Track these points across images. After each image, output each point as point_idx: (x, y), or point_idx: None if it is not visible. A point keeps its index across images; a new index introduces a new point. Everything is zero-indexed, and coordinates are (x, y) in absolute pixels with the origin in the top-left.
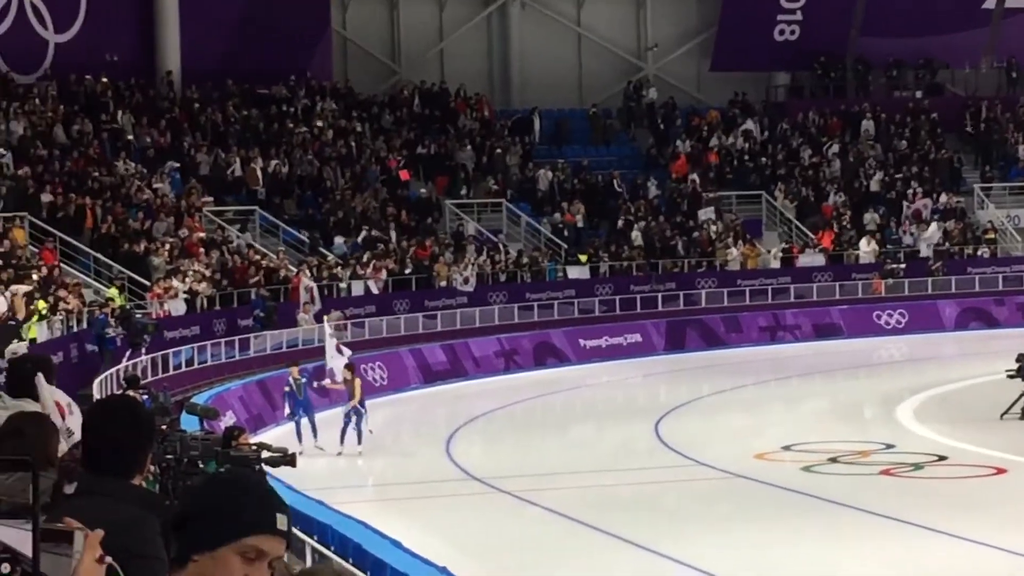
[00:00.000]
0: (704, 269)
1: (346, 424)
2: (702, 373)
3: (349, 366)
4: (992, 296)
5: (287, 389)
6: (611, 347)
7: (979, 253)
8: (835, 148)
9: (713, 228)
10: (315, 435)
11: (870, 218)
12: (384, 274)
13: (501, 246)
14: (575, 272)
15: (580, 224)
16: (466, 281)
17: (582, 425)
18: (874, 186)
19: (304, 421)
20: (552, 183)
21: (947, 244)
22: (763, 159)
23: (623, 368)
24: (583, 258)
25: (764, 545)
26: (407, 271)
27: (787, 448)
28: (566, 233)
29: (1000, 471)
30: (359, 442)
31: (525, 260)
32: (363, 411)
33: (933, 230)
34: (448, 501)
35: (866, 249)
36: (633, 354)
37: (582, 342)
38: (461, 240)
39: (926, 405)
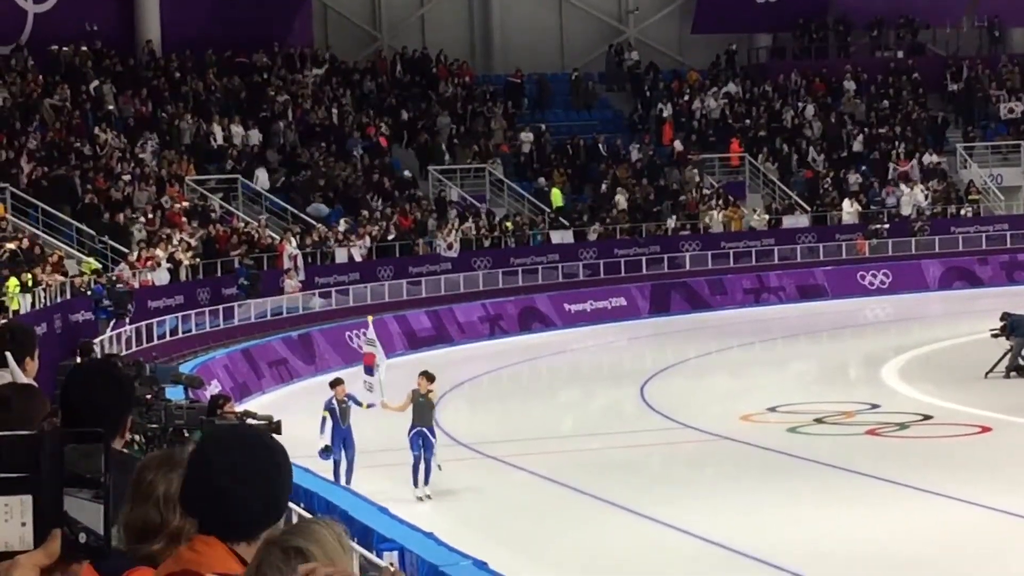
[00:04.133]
0: (688, 232)
1: (417, 458)
2: (687, 336)
3: (427, 374)
4: (975, 256)
5: (325, 414)
6: (596, 311)
7: (962, 213)
8: (817, 109)
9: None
10: (350, 477)
11: (853, 179)
12: (368, 240)
13: (484, 212)
14: (559, 236)
15: (566, 190)
16: (450, 247)
17: (568, 389)
18: (856, 146)
19: (343, 461)
20: (534, 148)
21: (931, 204)
22: (746, 121)
23: (608, 332)
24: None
25: (751, 507)
26: (390, 237)
27: (772, 410)
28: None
29: (985, 430)
30: (426, 480)
31: (509, 225)
32: (433, 439)
33: (919, 191)
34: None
35: (849, 210)
36: (618, 318)
37: (567, 306)
38: (444, 206)
39: (911, 365)
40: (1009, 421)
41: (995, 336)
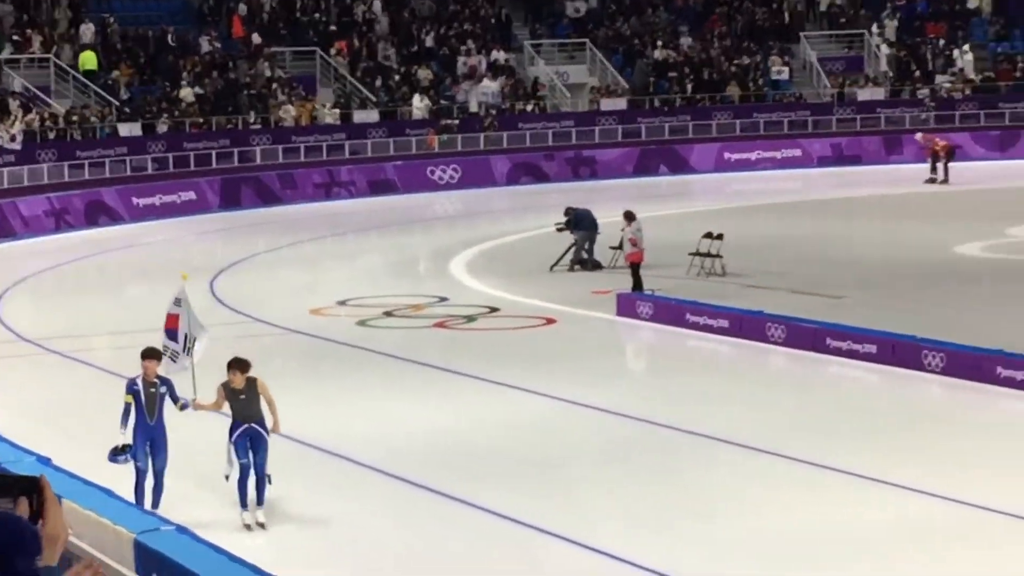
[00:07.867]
0: (259, 126)
1: (245, 467)
2: (258, 230)
3: (240, 362)
4: (542, 151)
5: (128, 400)
6: (165, 205)
7: (530, 109)
8: (386, 4)
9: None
10: (157, 498)
11: (424, 74)
12: None
13: (49, 103)
14: (127, 130)
15: (133, 82)
16: (13, 139)
17: (136, 285)
18: (428, 42)
19: (148, 472)
20: (99, 37)
21: (499, 99)
22: (317, 15)
23: (177, 226)
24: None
25: (322, 400)
26: None
27: (342, 303)
28: (119, 91)
29: (550, 321)
30: (260, 499)
31: (75, 117)
32: (266, 435)
33: (490, 85)
34: None
35: (419, 105)
36: (187, 212)
37: (135, 200)
38: (6, 97)
39: (478, 259)
40: (572, 313)
41: (560, 230)
